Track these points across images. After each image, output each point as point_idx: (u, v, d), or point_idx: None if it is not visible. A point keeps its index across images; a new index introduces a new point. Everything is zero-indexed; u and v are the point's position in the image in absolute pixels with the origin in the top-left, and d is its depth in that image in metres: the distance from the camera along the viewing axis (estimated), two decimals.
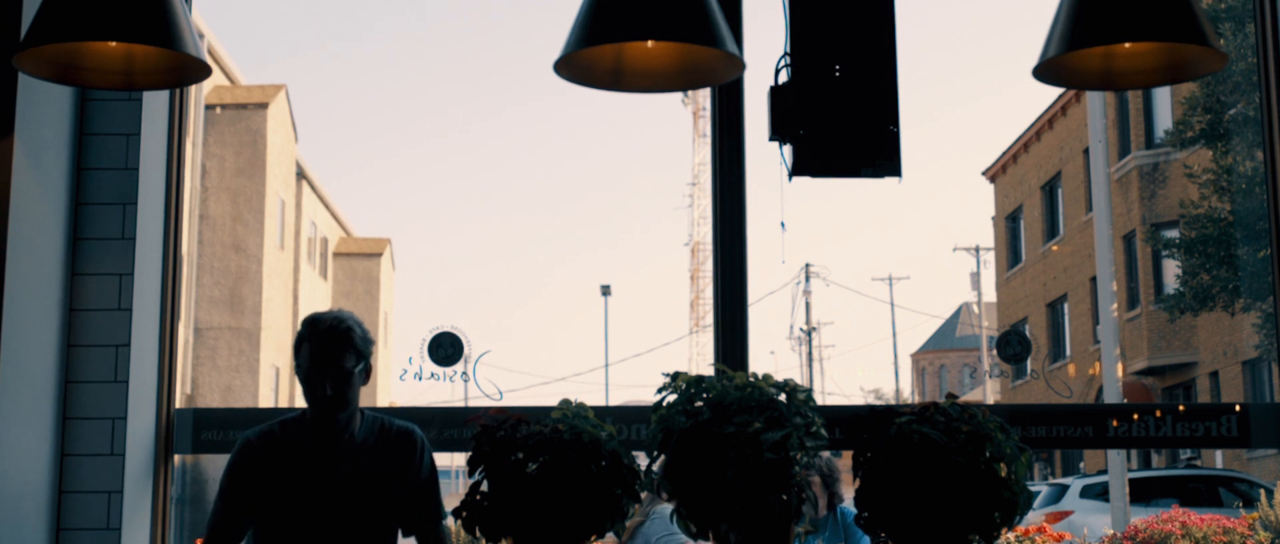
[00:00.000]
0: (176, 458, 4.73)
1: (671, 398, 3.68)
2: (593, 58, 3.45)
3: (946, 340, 47.02)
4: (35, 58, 3.38)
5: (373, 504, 3.66)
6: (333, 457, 3.65)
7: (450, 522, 3.82)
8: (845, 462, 4.12)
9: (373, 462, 3.68)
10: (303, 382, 3.65)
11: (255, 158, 25.45)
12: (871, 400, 34.92)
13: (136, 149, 4.51)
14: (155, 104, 4.65)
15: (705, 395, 3.64)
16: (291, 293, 29.16)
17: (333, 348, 3.61)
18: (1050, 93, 27.29)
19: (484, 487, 3.60)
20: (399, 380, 6.34)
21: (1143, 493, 14.97)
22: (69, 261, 4.43)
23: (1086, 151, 21.84)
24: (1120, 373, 14.68)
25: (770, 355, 40.81)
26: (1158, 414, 4.74)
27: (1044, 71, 3.46)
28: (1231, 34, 17.22)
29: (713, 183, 4.69)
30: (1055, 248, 27.42)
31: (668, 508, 5.21)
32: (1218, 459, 19.97)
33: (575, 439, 3.59)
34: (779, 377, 3.71)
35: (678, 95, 28.37)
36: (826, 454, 5.83)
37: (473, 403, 5.86)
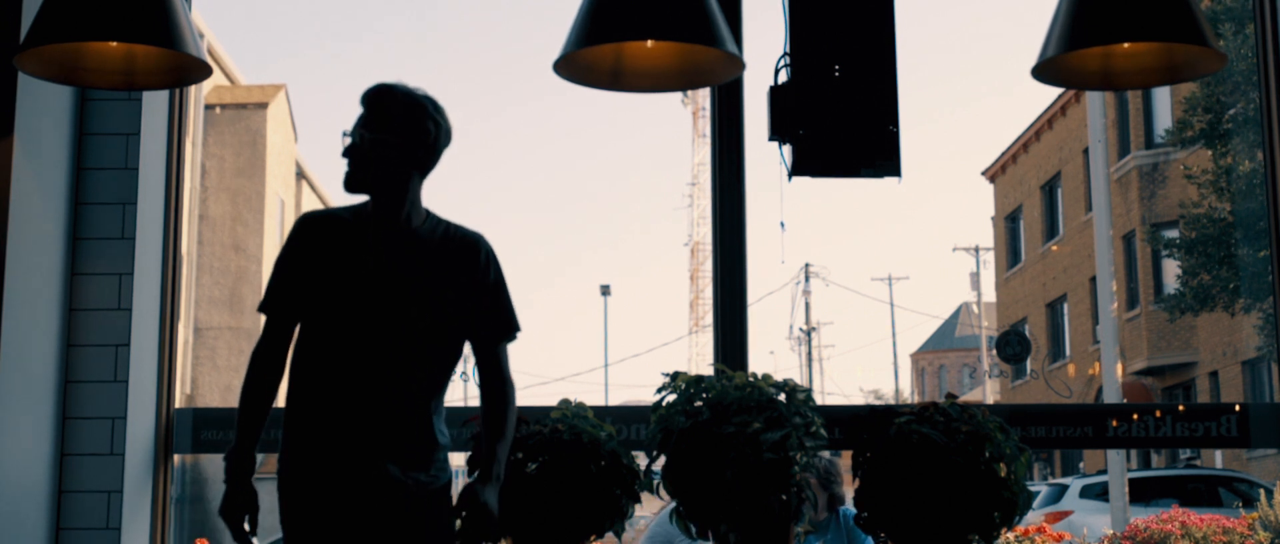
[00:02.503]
0: (176, 458, 4.73)
1: (671, 398, 3.68)
2: (592, 58, 3.45)
3: (946, 340, 47.02)
4: (35, 58, 3.38)
5: (429, 301, 3.24)
6: (385, 243, 3.25)
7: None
8: (845, 462, 4.12)
9: (430, 255, 3.27)
10: None
11: (255, 158, 25.45)
12: (871, 400, 34.92)
13: (136, 149, 4.51)
14: (155, 104, 4.65)
15: (705, 395, 3.65)
16: None
17: (358, 119, 3.28)
18: (1050, 93, 27.30)
19: None
20: None
21: (1142, 493, 14.97)
22: (69, 261, 4.43)
23: (1086, 151, 21.84)
24: (1120, 373, 14.68)
25: (770, 355, 40.86)
26: (1157, 414, 4.74)
27: (1043, 71, 3.47)
28: (1231, 34, 17.22)
29: (712, 183, 4.69)
30: (1055, 248, 27.41)
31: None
32: (1217, 459, 19.97)
33: (575, 439, 3.59)
34: (779, 377, 3.71)
35: (677, 95, 28.39)
36: (826, 454, 5.83)
37: (473, 403, 5.86)
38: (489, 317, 3.32)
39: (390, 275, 3.22)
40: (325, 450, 3.17)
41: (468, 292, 3.28)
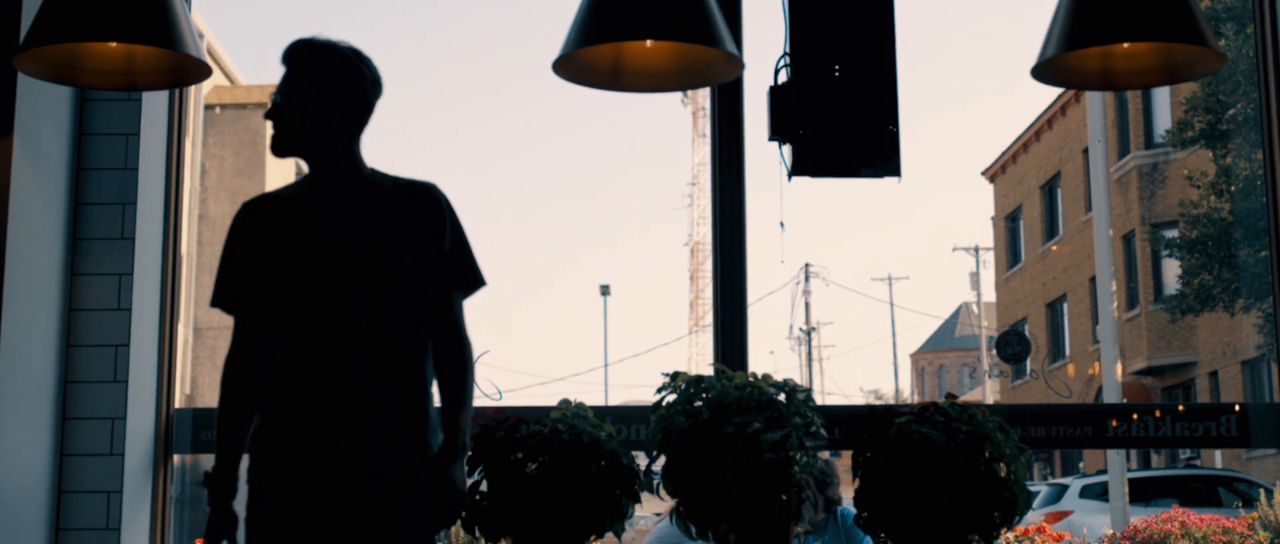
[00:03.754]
0: (176, 458, 4.73)
1: (671, 398, 3.68)
2: (592, 57, 3.45)
3: (946, 340, 47.01)
4: (35, 58, 3.38)
5: (384, 257, 3.00)
6: (326, 204, 3.04)
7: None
8: (844, 462, 4.12)
9: (378, 209, 3.04)
10: None
11: (255, 158, 25.45)
12: (871, 400, 34.90)
13: (136, 149, 4.51)
14: (155, 104, 4.65)
15: (704, 395, 3.65)
16: None
17: (281, 80, 3.10)
18: (1049, 93, 27.30)
19: (483, 487, 3.60)
20: None
21: (1142, 493, 14.97)
22: (69, 261, 4.43)
23: (1086, 151, 21.84)
24: (1120, 373, 14.68)
25: (770, 355, 40.84)
26: (1157, 414, 4.74)
27: (1043, 71, 3.47)
28: (1233, 34, 17.22)
29: (712, 183, 4.69)
30: (1055, 248, 27.41)
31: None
32: (1217, 459, 19.96)
33: (574, 439, 3.59)
34: (778, 377, 3.71)
35: (677, 95, 28.38)
36: (823, 456, 5.83)
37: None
38: (447, 265, 3.07)
39: (335, 237, 3.00)
40: (294, 437, 2.96)
41: (423, 241, 3.03)
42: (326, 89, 3.04)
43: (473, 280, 3.13)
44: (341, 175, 3.08)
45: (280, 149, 3.08)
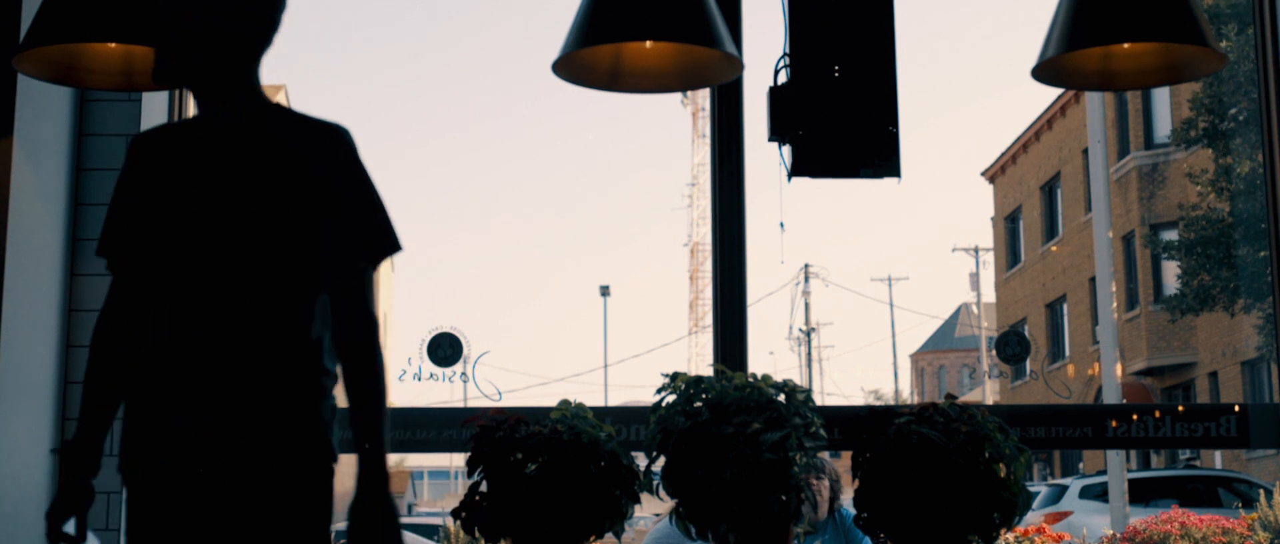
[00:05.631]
0: None
1: (670, 398, 3.68)
2: (592, 58, 3.45)
3: (946, 341, 47.01)
4: (35, 59, 3.38)
5: (272, 212, 2.48)
6: (212, 147, 2.54)
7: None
8: (844, 462, 4.12)
9: (272, 153, 2.52)
10: None
11: None
12: (871, 401, 34.89)
13: None
14: (155, 104, 4.65)
15: (704, 396, 3.65)
16: None
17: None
18: (1049, 93, 27.29)
19: (483, 487, 3.60)
20: (398, 381, 6.34)
21: (1142, 493, 14.96)
22: (69, 262, 4.43)
23: (1086, 152, 21.84)
24: (1119, 373, 14.68)
25: (769, 356, 40.82)
26: (1157, 415, 4.74)
27: (1043, 72, 3.47)
28: (1234, 34, 17.23)
29: (712, 183, 4.69)
30: (1054, 248, 27.41)
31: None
32: (1217, 460, 19.96)
33: (574, 440, 3.59)
34: (778, 377, 3.72)
35: (677, 95, 28.37)
36: (824, 456, 5.83)
37: (472, 403, 5.86)
38: (351, 222, 2.51)
39: (218, 188, 2.50)
40: (156, 446, 2.48)
41: (323, 193, 2.49)
42: (224, 3, 2.54)
43: (386, 239, 2.55)
44: (236, 112, 2.57)
45: (164, 78, 2.60)
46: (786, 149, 4.58)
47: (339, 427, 2.54)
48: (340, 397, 2.55)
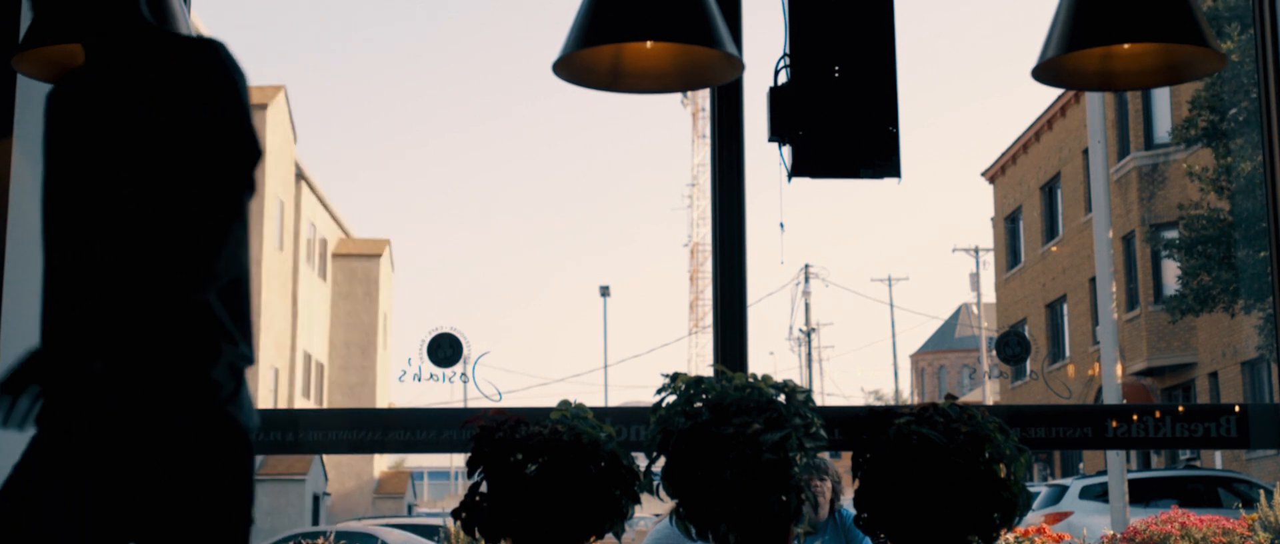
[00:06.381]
0: None
1: (671, 399, 3.68)
2: (592, 58, 3.45)
3: (946, 341, 47.03)
4: (35, 59, 3.38)
5: (141, 143, 2.29)
6: (90, 88, 2.39)
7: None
8: (844, 463, 4.12)
9: (141, 80, 2.35)
10: None
11: None
12: (871, 401, 34.91)
13: None
14: None
15: (704, 396, 3.65)
16: (290, 294, 29.14)
17: None
18: (1049, 93, 27.30)
19: (483, 488, 3.60)
20: (398, 381, 6.34)
21: (1142, 494, 14.96)
22: None
23: (1086, 152, 21.84)
24: (1119, 374, 14.68)
25: (770, 356, 40.84)
26: (1157, 415, 4.74)
27: (1043, 72, 3.47)
28: (1236, 34, 17.23)
29: (712, 183, 4.68)
30: (1054, 249, 27.42)
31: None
32: (1217, 460, 19.97)
33: (574, 440, 3.59)
34: (778, 377, 3.72)
35: (677, 96, 28.38)
36: (824, 456, 5.83)
37: (472, 404, 5.86)
38: (236, 159, 2.35)
39: (85, 127, 2.35)
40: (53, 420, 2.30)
41: (209, 125, 2.33)
42: None
43: (253, 150, 2.39)
44: (120, 43, 2.41)
45: (45, 32, 2.45)
46: (786, 149, 4.58)
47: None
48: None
